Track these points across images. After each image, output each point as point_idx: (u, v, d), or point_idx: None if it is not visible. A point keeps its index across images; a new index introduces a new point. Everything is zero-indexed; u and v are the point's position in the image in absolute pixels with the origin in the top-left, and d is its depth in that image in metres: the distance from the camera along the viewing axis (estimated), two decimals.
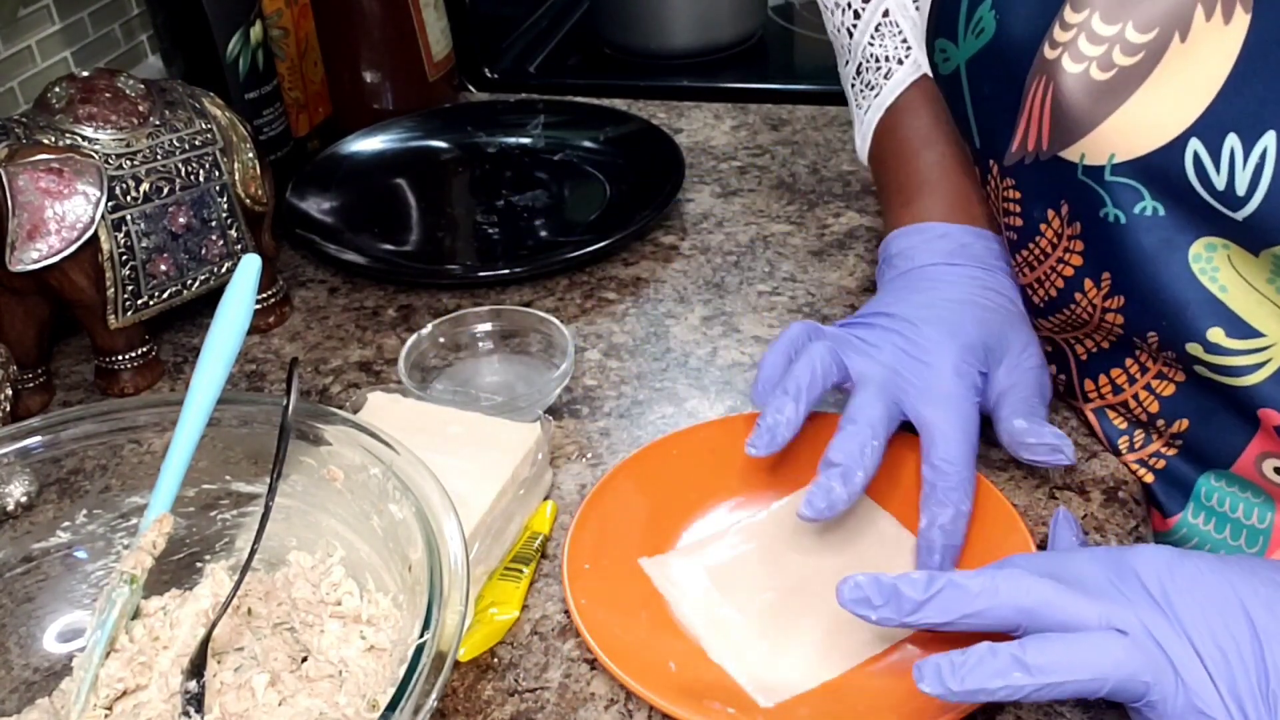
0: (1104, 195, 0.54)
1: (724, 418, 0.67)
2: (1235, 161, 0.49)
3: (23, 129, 0.68)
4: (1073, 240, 0.58)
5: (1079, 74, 0.52)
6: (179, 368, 0.76)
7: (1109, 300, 0.57)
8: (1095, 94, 0.52)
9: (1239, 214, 0.50)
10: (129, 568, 0.51)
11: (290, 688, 0.49)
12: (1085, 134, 0.53)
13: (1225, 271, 0.53)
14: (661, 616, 0.56)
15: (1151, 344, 0.58)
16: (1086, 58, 0.52)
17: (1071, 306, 0.60)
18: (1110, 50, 0.51)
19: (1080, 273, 0.58)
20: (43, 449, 0.54)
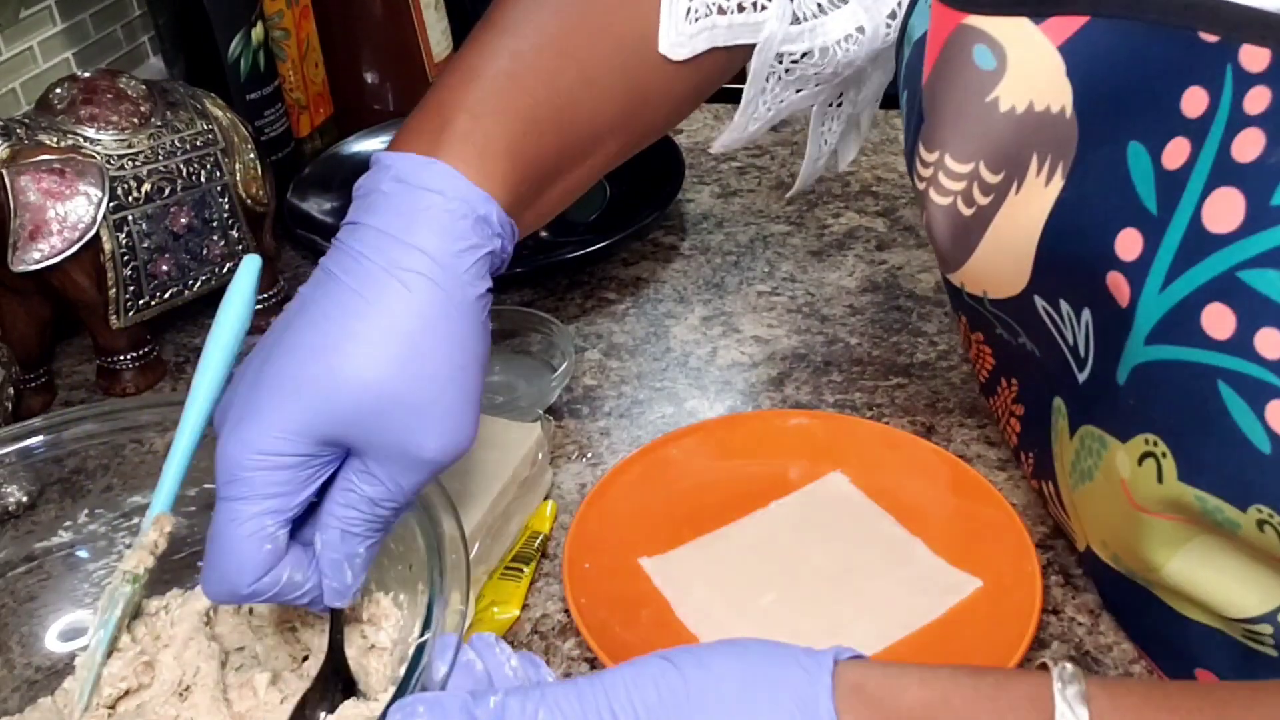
0: (992, 320, 0.53)
1: (724, 417, 0.67)
2: (1073, 323, 0.47)
3: (25, 130, 0.68)
4: (981, 346, 0.57)
5: (946, 207, 0.49)
6: (180, 368, 0.77)
7: (1015, 405, 0.56)
8: (962, 229, 0.49)
9: (1080, 374, 0.48)
10: (131, 567, 0.51)
11: (292, 686, 0.49)
12: (959, 266, 0.51)
13: (1057, 441, 0.51)
14: (661, 616, 0.56)
15: (1028, 466, 0.56)
16: (951, 192, 0.49)
17: (994, 398, 0.58)
18: (970, 187, 0.48)
19: (997, 371, 0.57)
20: (44, 449, 0.54)
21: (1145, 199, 0.42)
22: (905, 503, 0.61)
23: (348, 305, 0.44)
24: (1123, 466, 0.45)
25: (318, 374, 0.43)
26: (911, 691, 0.38)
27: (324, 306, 0.44)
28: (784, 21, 0.57)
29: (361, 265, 0.44)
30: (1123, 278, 0.43)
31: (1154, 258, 0.42)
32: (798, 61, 0.59)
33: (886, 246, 0.84)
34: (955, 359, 0.72)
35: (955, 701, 0.38)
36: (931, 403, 0.69)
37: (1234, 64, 0.40)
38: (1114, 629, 0.54)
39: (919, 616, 0.55)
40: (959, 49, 0.47)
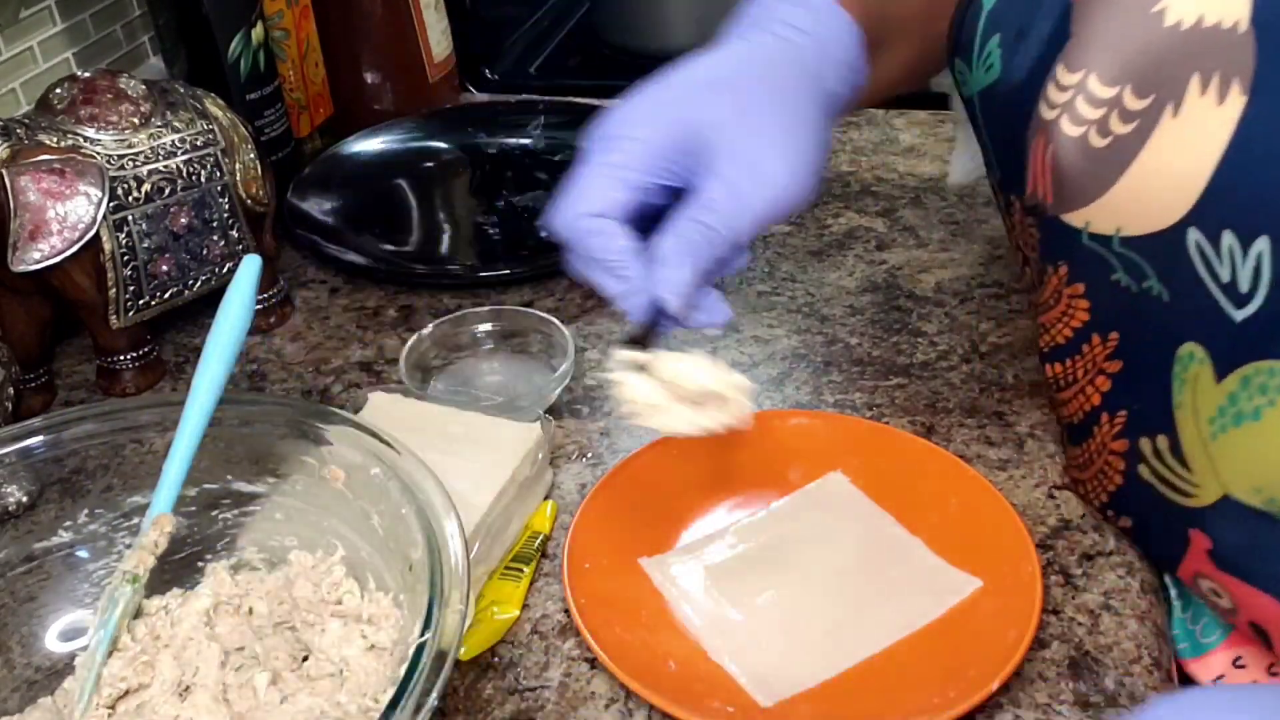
0: (1114, 262, 0.50)
1: None
2: (1235, 257, 0.45)
3: (25, 130, 0.68)
4: (1074, 300, 0.54)
5: (1078, 139, 0.48)
6: (180, 368, 0.77)
7: (1109, 362, 0.54)
8: (1095, 161, 0.48)
9: (1239, 313, 0.46)
10: (131, 567, 0.51)
11: (291, 686, 0.49)
12: (1089, 202, 0.49)
13: (1186, 391, 0.50)
14: (661, 616, 0.56)
15: (1115, 426, 0.55)
16: (1085, 121, 0.47)
17: (1074, 358, 0.56)
18: (1109, 115, 0.47)
19: (1088, 327, 0.54)
20: (44, 449, 0.54)
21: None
22: (905, 503, 0.61)
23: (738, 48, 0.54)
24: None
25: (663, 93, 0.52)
26: None
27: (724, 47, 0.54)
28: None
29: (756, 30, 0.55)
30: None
31: None
32: None
33: (886, 246, 0.84)
34: (955, 359, 0.72)
35: None
36: (931, 403, 0.69)
37: None
38: (1115, 629, 0.54)
39: (919, 616, 0.55)
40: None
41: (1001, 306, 0.77)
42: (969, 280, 0.79)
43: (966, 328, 0.75)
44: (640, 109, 0.52)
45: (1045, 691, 0.52)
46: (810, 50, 0.55)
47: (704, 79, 0.53)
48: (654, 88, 0.53)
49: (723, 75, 0.53)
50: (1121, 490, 0.57)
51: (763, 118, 0.52)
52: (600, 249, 0.51)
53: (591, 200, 0.51)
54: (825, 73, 0.55)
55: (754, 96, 0.52)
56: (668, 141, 0.51)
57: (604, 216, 0.51)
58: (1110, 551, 0.59)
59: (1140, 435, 0.53)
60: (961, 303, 0.77)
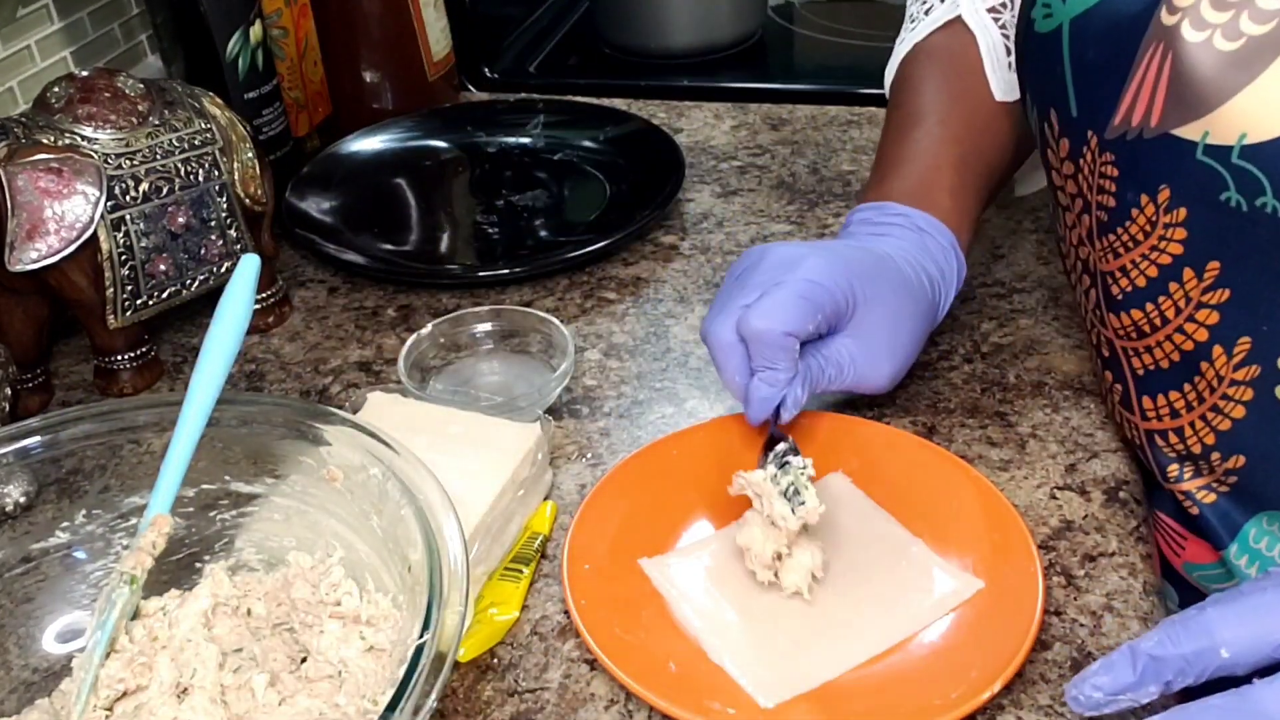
0: (1228, 178, 0.49)
1: (724, 417, 0.67)
2: None
3: (22, 129, 0.68)
4: (1171, 228, 0.53)
5: (1201, 43, 0.47)
6: (178, 368, 0.76)
7: (1209, 294, 0.53)
8: (1222, 66, 0.47)
9: None
10: (129, 568, 0.51)
11: (290, 688, 0.49)
12: (1209, 110, 0.48)
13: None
14: (661, 616, 0.56)
15: (1237, 355, 0.53)
16: (1210, 25, 0.47)
17: (1160, 300, 0.55)
18: (1238, 17, 0.46)
19: (1180, 261, 0.53)
20: (42, 449, 0.54)
21: None
22: (906, 503, 0.60)
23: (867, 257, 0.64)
24: None
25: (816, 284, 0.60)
26: None
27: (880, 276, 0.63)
28: None
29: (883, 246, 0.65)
30: None
31: None
32: None
33: None
34: (956, 359, 0.72)
35: None
36: (932, 403, 0.69)
37: None
38: (1117, 630, 0.54)
39: (920, 618, 0.54)
40: None
41: (1003, 306, 0.76)
42: (970, 280, 0.79)
43: (968, 328, 0.75)
44: (828, 267, 0.61)
45: (1047, 693, 0.52)
46: (932, 265, 0.65)
47: (867, 263, 0.62)
48: (832, 253, 0.62)
49: (879, 267, 0.63)
50: (1240, 424, 0.55)
51: (895, 319, 0.63)
52: (782, 362, 0.59)
53: (793, 321, 0.58)
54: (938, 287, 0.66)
55: (898, 294, 0.63)
56: (839, 299, 0.60)
57: (793, 336, 0.59)
58: (1112, 553, 0.58)
59: (1277, 356, 0.52)
60: (962, 303, 0.77)
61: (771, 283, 0.60)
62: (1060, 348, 0.72)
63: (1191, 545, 0.63)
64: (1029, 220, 0.86)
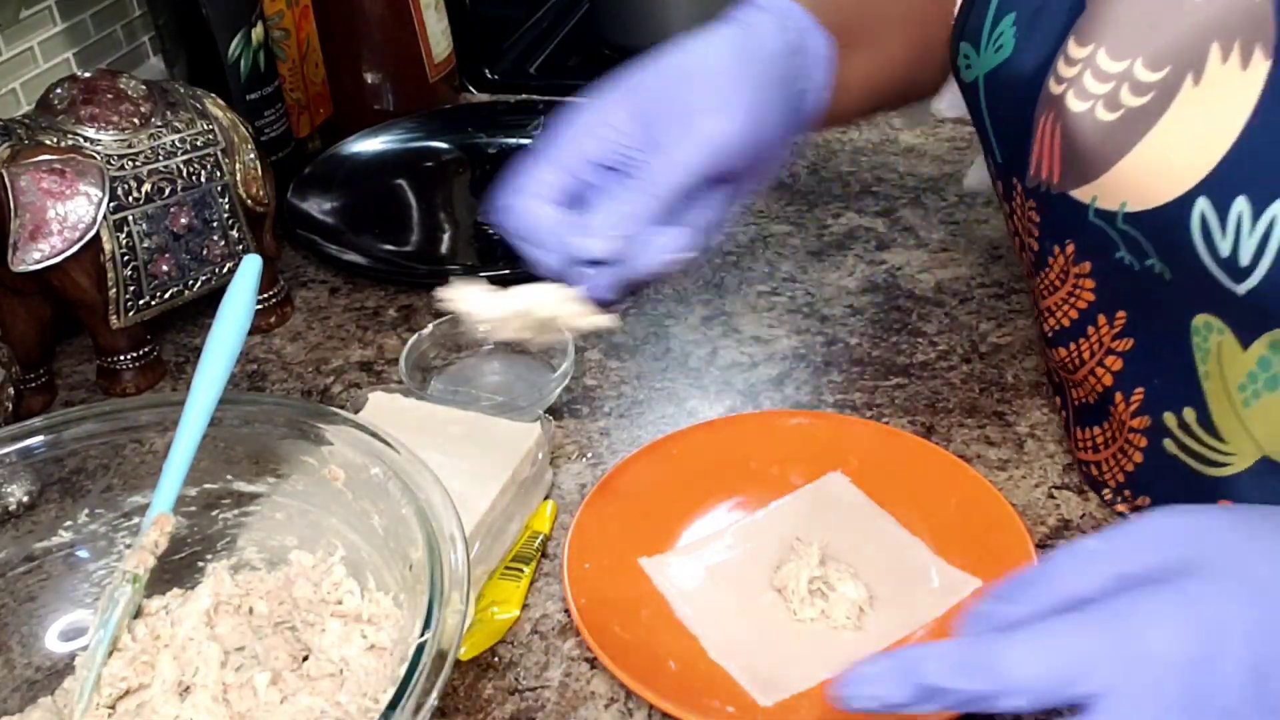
0: (1118, 240, 0.51)
1: (724, 417, 0.67)
2: (1242, 227, 0.45)
3: (25, 130, 0.68)
4: (1081, 279, 0.55)
5: (1084, 113, 0.48)
6: (181, 368, 0.77)
7: (1118, 341, 0.54)
8: (1103, 135, 0.48)
9: (1240, 287, 0.46)
10: (131, 567, 0.51)
11: (291, 686, 0.49)
12: (1096, 177, 0.49)
13: (1211, 360, 0.50)
14: (661, 616, 0.56)
15: (1133, 403, 0.55)
16: (1092, 95, 0.48)
17: (1080, 340, 0.56)
18: (1118, 89, 0.47)
19: (1094, 307, 0.55)
20: (45, 449, 0.54)
21: None
22: (905, 503, 0.60)
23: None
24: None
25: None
26: None
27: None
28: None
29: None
30: None
31: None
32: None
33: (886, 246, 0.84)
34: (955, 359, 0.72)
35: None
36: (931, 403, 0.69)
37: None
38: None
39: (919, 616, 0.55)
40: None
41: (1001, 306, 0.77)
42: (969, 280, 0.79)
43: (966, 328, 0.75)
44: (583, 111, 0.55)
45: None
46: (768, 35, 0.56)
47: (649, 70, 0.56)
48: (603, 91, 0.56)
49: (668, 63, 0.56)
50: (1141, 468, 0.57)
51: (700, 84, 0.54)
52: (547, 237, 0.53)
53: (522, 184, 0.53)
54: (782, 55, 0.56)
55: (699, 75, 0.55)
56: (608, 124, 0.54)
57: (538, 197, 0.53)
58: None
59: (1163, 410, 0.53)
60: (961, 303, 0.77)
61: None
62: None
63: None
64: None
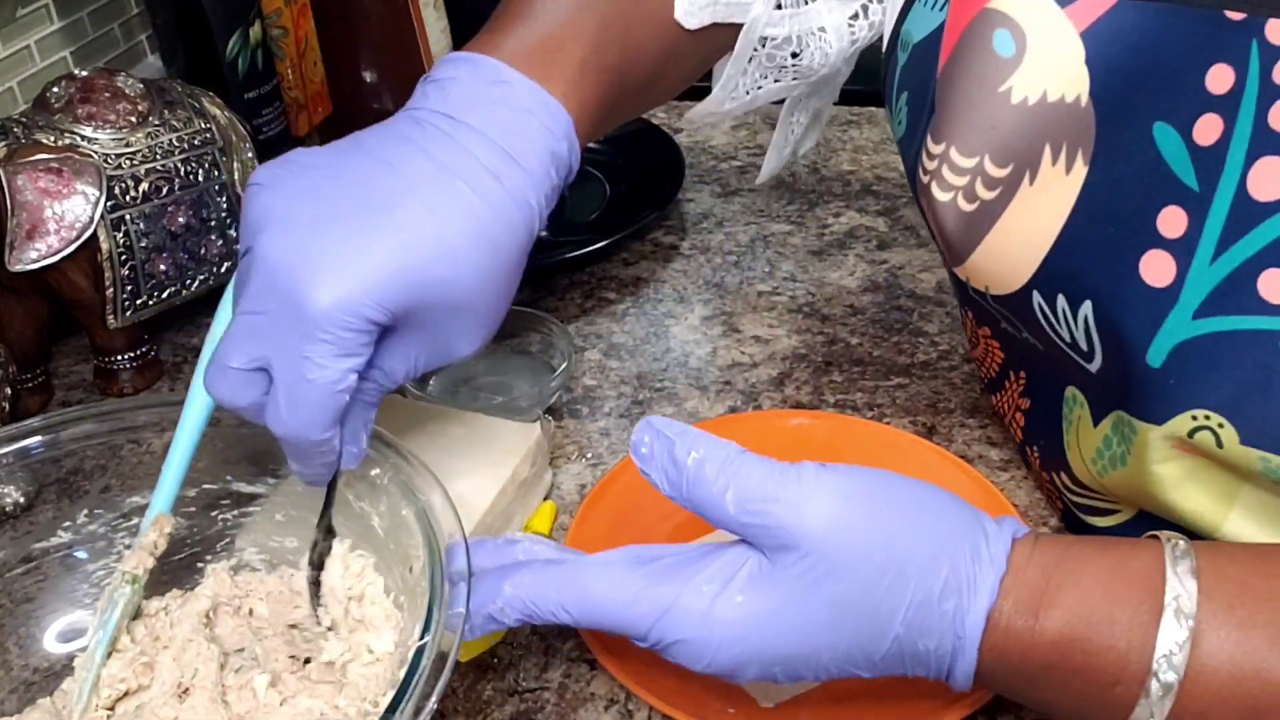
0: (997, 314, 0.54)
1: (724, 417, 0.67)
2: (1069, 319, 0.48)
3: (22, 128, 0.68)
4: (988, 340, 0.58)
5: (948, 203, 0.50)
6: (178, 368, 0.76)
7: (1022, 399, 0.57)
8: (964, 224, 0.50)
9: (1091, 366, 0.49)
10: (130, 568, 0.51)
11: (291, 688, 0.49)
12: (963, 260, 0.52)
13: (1071, 432, 0.52)
14: None
15: (1034, 459, 0.58)
16: (953, 187, 0.50)
17: (1001, 393, 0.60)
18: (974, 182, 0.49)
19: (1005, 364, 0.59)
20: (42, 449, 0.54)
21: (1183, 176, 0.44)
22: None
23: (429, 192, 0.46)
24: (1155, 451, 0.47)
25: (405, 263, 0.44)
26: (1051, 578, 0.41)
27: (407, 179, 0.46)
28: (769, 7, 0.63)
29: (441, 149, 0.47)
30: (1167, 255, 0.44)
31: (1200, 232, 0.43)
32: (779, 47, 0.64)
33: (887, 246, 0.84)
34: (956, 359, 0.72)
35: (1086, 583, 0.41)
36: (932, 403, 0.69)
37: (1260, 39, 0.42)
38: None
39: None
40: (978, 36, 0.47)
41: None
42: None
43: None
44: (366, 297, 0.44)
45: None
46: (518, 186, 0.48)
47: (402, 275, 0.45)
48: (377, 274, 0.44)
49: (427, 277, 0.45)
50: (1063, 514, 0.59)
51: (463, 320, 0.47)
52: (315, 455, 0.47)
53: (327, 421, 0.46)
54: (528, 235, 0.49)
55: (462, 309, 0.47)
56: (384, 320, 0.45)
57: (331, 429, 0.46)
58: None
59: (1052, 470, 0.56)
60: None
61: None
62: None
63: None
64: None
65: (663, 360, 0.74)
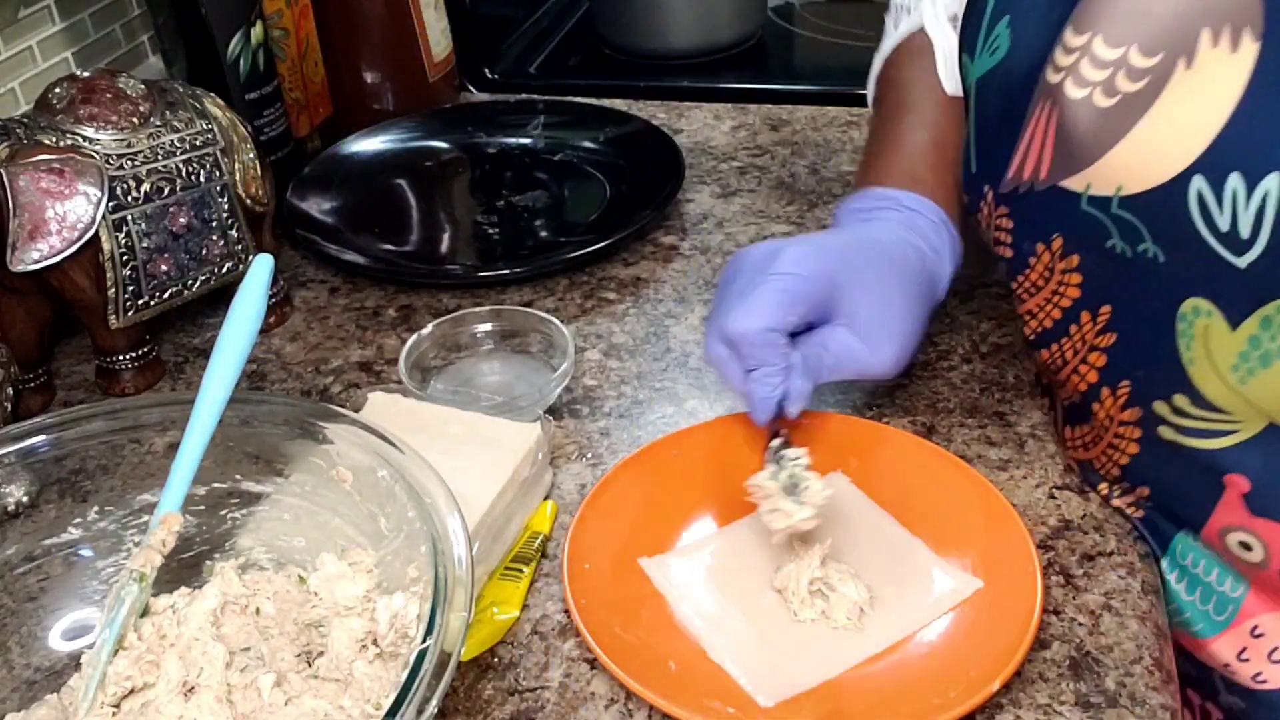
0: (1111, 227, 0.52)
1: (724, 417, 0.67)
2: (1238, 202, 0.47)
3: (24, 129, 0.68)
4: (1067, 274, 0.56)
5: (1082, 100, 0.50)
6: (180, 368, 0.77)
7: (1100, 337, 0.56)
8: (1100, 121, 0.50)
9: (1242, 260, 0.47)
10: (138, 566, 0.51)
11: (296, 688, 0.49)
12: (1091, 163, 0.51)
13: (1197, 346, 0.51)
14: (661, 616, 0.56)
15: (1120, 397, 0.56)
16: (1090, 83, 0.50)
17: (1063, 340, 0.58)
18: (1114, 75, 0.49)
19: (1078, 304, 0.56)
20: (45, 448, 0.54)
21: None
22: (905, 503, 0.61)
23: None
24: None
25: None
26: None
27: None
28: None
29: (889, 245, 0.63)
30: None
31: None
32: None
33: None
34: (955, 359, 0.72)
35: None
36: (932, 403, 0.69)
37: None
38: (1115, 629, 0.55)
39: (919, 617, 0.55)
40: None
41: (1002, 306, 0.77)
42: (969, 280, 0.79)
43: (967, 328, 0.75)
44: (804, 256, 0.60)
45: (1046, 692, 0.52)
46: (922, 241, 0.65)
47: (850, 248, 0.62)
48: (809, 243, 0.62)
49: (862, 250, 0.62)
50: (1137, 459, 0.58)
51: (886, 299, 0.62)
52: (772, 358, 0.59)
53: (770, 317, 0.59)
54: (932, 263, 0.65)
55: (885, 276, 0.62)
56: (819, 287, 0.60)
57: (775, 331, 0.59)
58: (1111, 552, 0.59)
59: (1152, 400, 0.54)
60: (961, 303, 0.77)
61: (749, 284, 0.60)
62: None
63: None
64: None
65: (663, 360, 0.74)
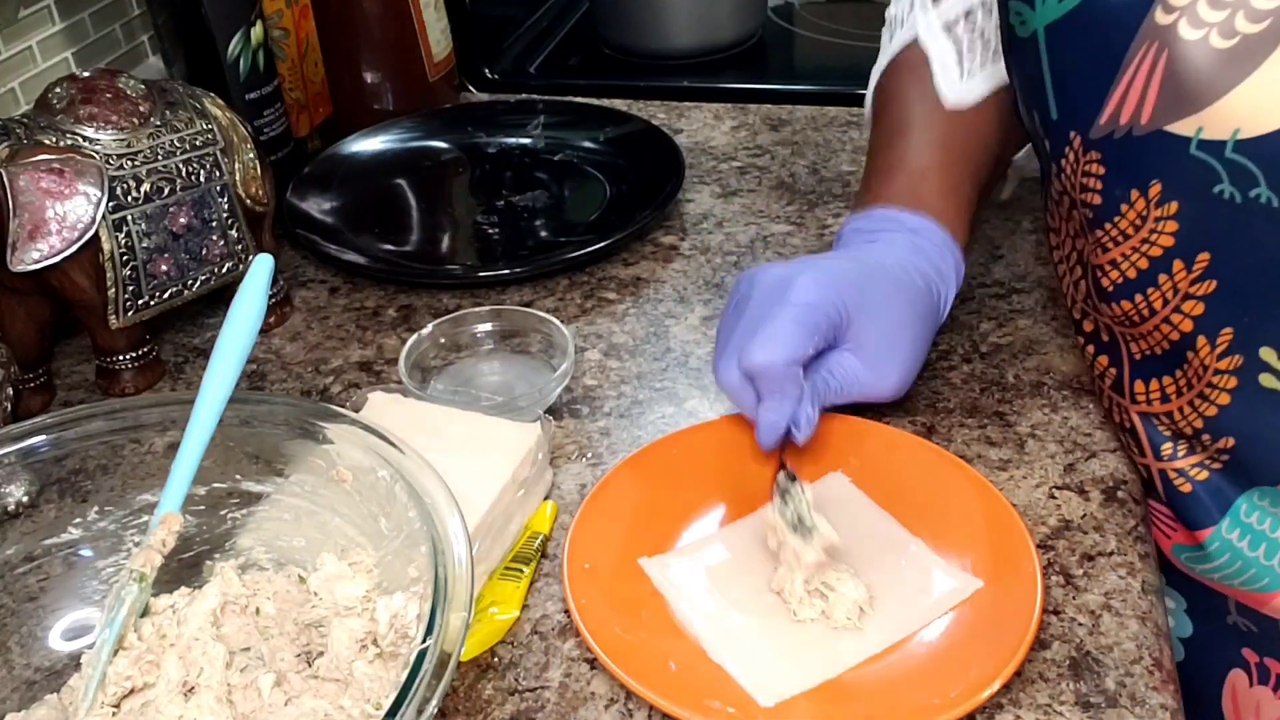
0: (1222, 172, 0.51)
1: (724, 417, 0.67)
2: None
3: (24, 129, 0.68)
4: (1163, 221, 0.54)
5: (1198, 41, 0.49)
6: (180, 368, 0.77)
7: (1197, 285, 0.54)
8: (1218, 63, 0.48)
9: None
10: (138, 565, 0.51)
11: (296, 688, 0.49)
12: (1204, 106, 0.49)
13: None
14: (661, 616, 0.56)
15: (1220, 345, 0.55)
16: (1206, 23, 0.48)
17: (1149, 292, 0.57)
18: (1233, 16, 0.48)
19: (1170, 253, 0.55)
20: (45, 448, 0.54)
21: None
22: (905, 503, 0.61)
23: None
24: None
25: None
26: None
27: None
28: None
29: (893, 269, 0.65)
30: None
31: None
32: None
33: None
34: (955, 359, 0.72)
35: None
36: (932, 403, 0.69)
37: None
38: (1116, 629, 0.55)
39: (919, 617, 0.55)
40: None
41: (1002, 306, 0.77)
42: (969, 280, 0.79)
43: (967, 328, 0.75)
44: (817, 284, 0.61)
45: (1046, 692, 0.52)
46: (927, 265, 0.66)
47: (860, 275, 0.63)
48: (821, 269, 0.62)
49: (872, 277, 0.63)
50: (1228, 409, 0.57)
51: (892, 325, 0.63)
52: (791, 389, 0.60)
53: (792, 349, 0.59)
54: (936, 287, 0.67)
55: (892, 303, 0.63)
56: (833, 315, 0.61)
57: (796, 363, 0.60)
58: (1111, 552, 0.59)
59: (1259, 346, 0.54)
60: (961, 303, 0.77)
61: (764, 314, 0.61)
62: (1059, 348, 0.73)
63: (1181, 530, 0.64)
64: (1028, 220, 0.86)
65: (663, 360, 0.74)
